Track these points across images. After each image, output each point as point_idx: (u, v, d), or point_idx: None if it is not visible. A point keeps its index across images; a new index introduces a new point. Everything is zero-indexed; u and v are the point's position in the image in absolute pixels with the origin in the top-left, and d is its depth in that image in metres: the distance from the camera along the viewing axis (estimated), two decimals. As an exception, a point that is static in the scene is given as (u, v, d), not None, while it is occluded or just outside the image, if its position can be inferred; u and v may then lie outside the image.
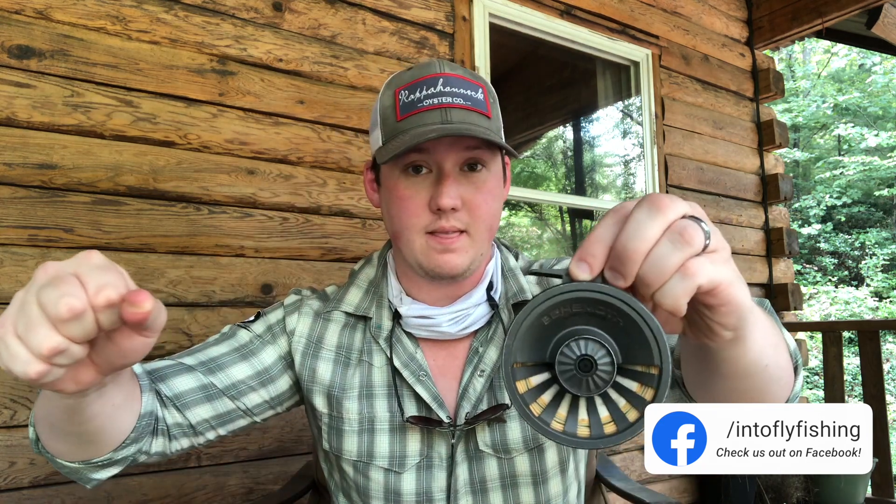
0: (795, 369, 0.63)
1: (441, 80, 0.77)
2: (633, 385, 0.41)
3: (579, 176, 4.53)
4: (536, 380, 0.43)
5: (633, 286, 0.41)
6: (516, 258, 0.95)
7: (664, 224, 0.39)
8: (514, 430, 0.84)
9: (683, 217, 0.40)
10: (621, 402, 0.42)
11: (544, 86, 4.07)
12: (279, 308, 0.92)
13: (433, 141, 0.75)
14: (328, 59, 1.95)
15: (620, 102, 3.17)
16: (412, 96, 0.77)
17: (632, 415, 0.42)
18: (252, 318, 0.92)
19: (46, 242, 1.48)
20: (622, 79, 3.01)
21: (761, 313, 0.53)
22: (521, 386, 0.43)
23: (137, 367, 0.77)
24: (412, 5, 2.15)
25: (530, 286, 0.91)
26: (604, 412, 0.42)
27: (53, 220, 1.49)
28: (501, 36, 2.49)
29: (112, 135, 1.59)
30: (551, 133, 5.61)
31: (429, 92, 0.77)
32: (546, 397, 0.43)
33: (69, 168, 1.52)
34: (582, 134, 4.42)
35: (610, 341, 0.41)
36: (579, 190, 4.31)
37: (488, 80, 2.33)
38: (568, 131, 5.07)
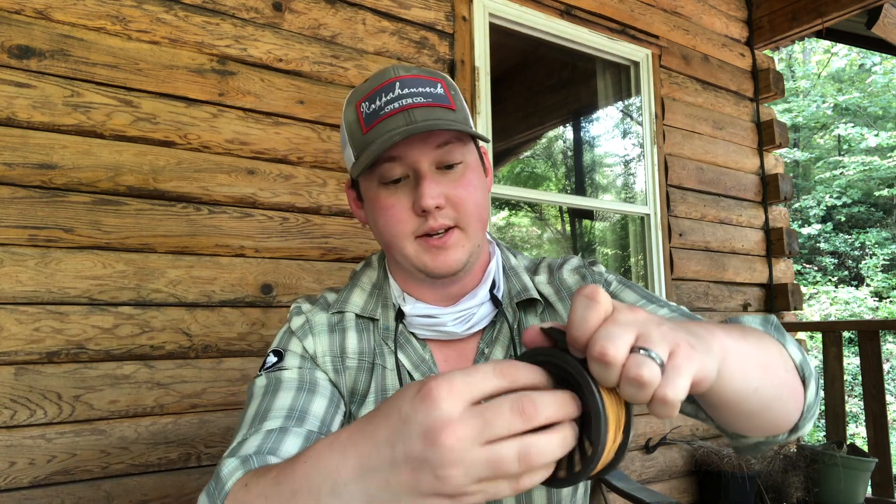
0: (804, 380, 0.64)
1: (398, 83, 0.77)
2: (584, 444, 0.44)
3: (579, 176, 4.53)
4: None
5: None
6: (515, 257, 0.95)
7: (616, 374, 0.42)
8: None
9: (633, 350, 0.42)
10: (576, 456, 0.45)
11: (544, 86, 4.07)
12: (291, 337, 0.87)
13: (404, 145, 0.75)
14: (328, 59, 1.95)
15: (620, 102, 3.17)
16: (373, 106, 0.77)
17: (577, 468, 0.45)
18: (274, 359, 0.84)
19: (46, 242, 1.48)
20: (622, 79, 3.01)
21: (739, 340, 0.55)
22: None
23: (234, 461, 0.67)
24: (412, 5, 2.15)
25: (541, 284, 0.90)
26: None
27: (53, 220, 1.49)
28: (501, 36, 2.49)
29: (112, 135, 1.59)
30: (551, 133, 5.61)
31: (388, 98, 0.76)
32: None
33: (69, 168, 1.52)
34: (582, 134, 4.41)
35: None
36: (579, 190, 4.31)
37: (488, 80, 2.33)
38: (568, 131, 5.07)
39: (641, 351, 0.42)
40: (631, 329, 0.43)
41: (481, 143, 0.90)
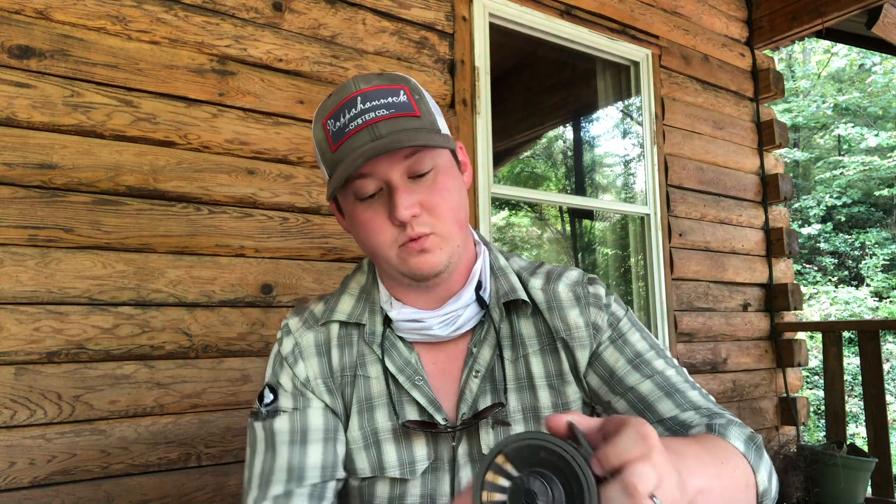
0: None
1: (359, 98, 0.77)
2: None
3: (579, 176, 4.53)
4: (497, 497, 0.49)
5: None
6: (507, 259, 0.94)
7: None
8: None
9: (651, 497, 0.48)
10: None
11: (544, 86, 4.07)
12: (283, 365, 0.89)
13: (373, 161, 0.76)
14: (328, 59, 1.95)
15: (620, 102, 3.17)
16: (338, 123, 0.78)
17: None
18: (270, 397, 0.88)
19: (46, 242, 1.48)
20: (622, 79, 3.01)
21: (713, 479, 0.63)
22: (485, 496, 0.49)
23: None
24: (412, 5, 2.15)
25: (535, 289, 0.90)
26: None
27: (53, 220, 1.49)
28: (501, 36, 2.49)
29: (112, 135, 1.59)
30: (551, 133, 5.62)
31: (352, 114, 0.77)
32: None
33: (69, 168, 1.52)
34: (582, 134, 4.42)
35: (560, 494, 0.47)
36: (579, 190, 4.31)
37: (488, 80, 2.33)
38: (568, 131, 5.07)
39: (654, 498, 0.48)
40: (658, 474, 0.48)
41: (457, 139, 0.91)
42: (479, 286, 0.88)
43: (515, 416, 0.86)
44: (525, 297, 0.88)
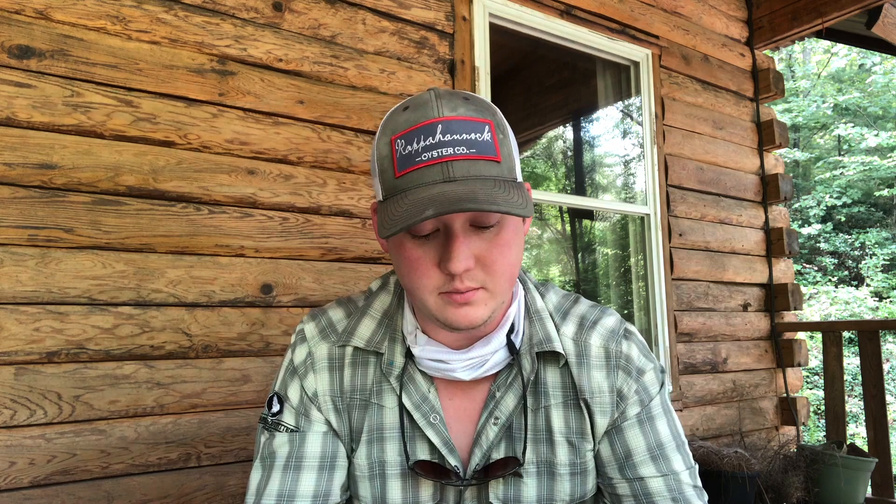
0: None
1: (440, 126, 0.69)
2: None
3: (579, 176, 4.53)
4: None
5: None
6: (542, 297, 0.88)
7: None
8: (530, 487, 0.82)
9: None
10: None
11: (544, 86, 4.07)
12: (294, 377, 0.87)
13: None
14: (328, 59, 1.95)
15: (620, 102, 3.17)
16: (409, 148, 0.69)
17: None
18: (277, 407, 0.86)
19: (46, 242, 1.48)
20: (622, 79, 3.01)
21: None
22: None
23: None
24: (412, 5, 2.15)
25: (565, 337, 0.85)
26: None
27: (53, 220, 1.49)
28: (501, 36, 2.49)
29: (112, 135, 1.59)
30: (551, 133, 5.61)
31: (427, 143, 0.68)
32: None
33: (69, 168, 1.52)
34: (582, 134, 4.41)
35: None
36: (579, 190, 4.31)
37: (488, 80, 2.33)
38: (568, 131, 5.06)
39: None
40: None
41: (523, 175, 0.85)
42: (511, 328, 0.83)
43: (529, 468, 0.82)
44: (560, 349, 0.83)
